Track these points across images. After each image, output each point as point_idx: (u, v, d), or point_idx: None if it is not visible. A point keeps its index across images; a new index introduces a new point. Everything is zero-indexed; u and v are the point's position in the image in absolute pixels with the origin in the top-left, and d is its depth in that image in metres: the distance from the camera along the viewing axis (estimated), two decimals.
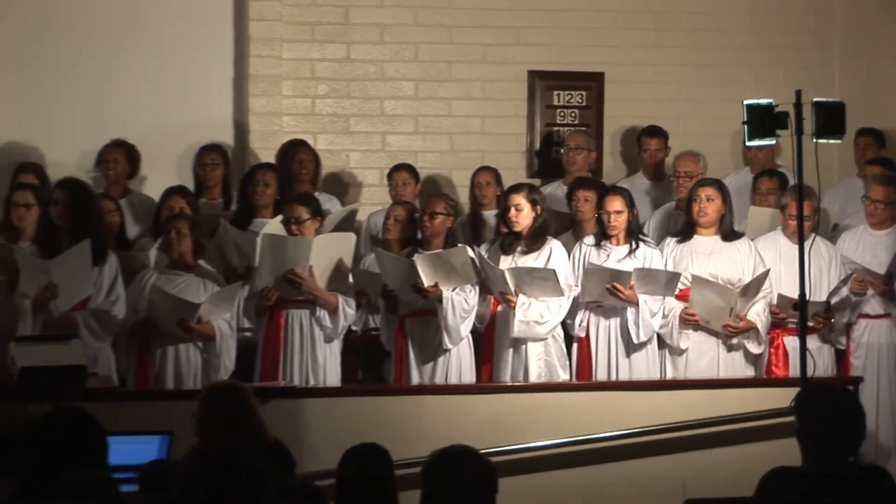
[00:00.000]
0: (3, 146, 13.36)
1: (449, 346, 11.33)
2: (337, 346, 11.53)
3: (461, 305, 11.28)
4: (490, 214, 12.44)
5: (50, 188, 11.66)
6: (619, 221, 11.59)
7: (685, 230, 11.95)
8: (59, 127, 13.37)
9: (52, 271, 10.97)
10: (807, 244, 10.73)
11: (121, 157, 12.97)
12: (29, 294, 10.99)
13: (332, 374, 11.50)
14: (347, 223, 12.46)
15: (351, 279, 11.52)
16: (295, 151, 13.02)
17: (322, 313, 11.38)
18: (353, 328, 11.80)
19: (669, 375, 11.69)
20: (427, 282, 11.15)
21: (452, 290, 11.23)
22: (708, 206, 11.71)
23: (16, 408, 8.15)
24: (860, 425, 7.62)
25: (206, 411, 8.08)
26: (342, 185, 13.72)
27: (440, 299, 11.22)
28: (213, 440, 7.44)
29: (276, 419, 8.45)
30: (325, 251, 11.39)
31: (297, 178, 12.70)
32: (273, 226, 11.73)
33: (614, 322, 11.61)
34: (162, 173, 13.05)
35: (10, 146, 13.34)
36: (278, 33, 13.76)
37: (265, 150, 13.42)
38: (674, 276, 11.48)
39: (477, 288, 11.37)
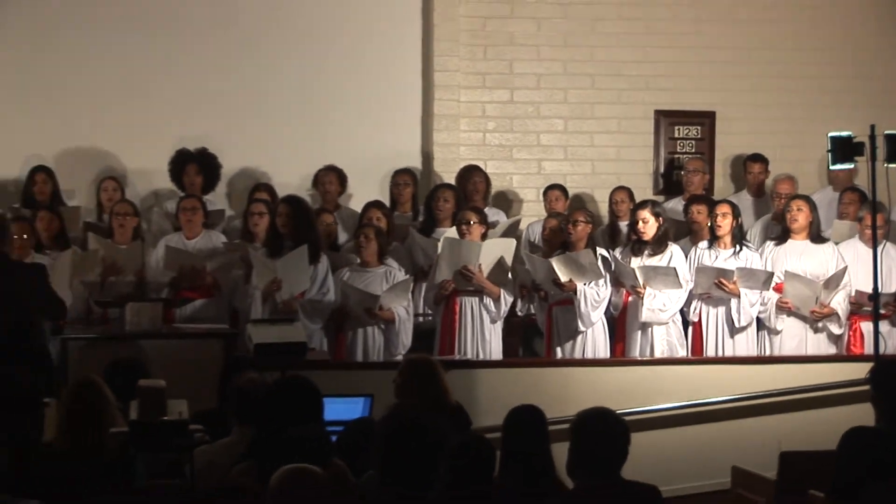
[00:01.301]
0: (241, 170, 13.47)
1: (581, 329, 11.32)
2: (500, 326, 11.52)
3: (592, 297, 11.26)
4: (623, 225, 12.37)
5: (277, 203, 11.76)
6: (725, 223, 11.59)
7: (781, 235, 11.94)
8: (285, 155, 13.46)
9: (277, 268, 11.06)
10: (879, 248, 10.74)
11: (333, 179, 12.99)
12: (260, 286, 11.13)
13: (496, 349, 11.50)
14: (511, 231, 12.44)
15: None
16: (470, 175, 13.02)
17: (488, 301, 11.40)
18: (519, 312, 11.81)
19: (766, 352, 11.63)
20: (563, 278, 11.19)
21: (586, 285, 11.25)
22: (798, 215, 11.71)
23: (252, 375, 8.20)
24: None
25: (405, 378, 8.12)
26: (506, 202, 13.70)
27: (575, 291, 11.28)
28: (409, 401, 7.48)
29: (453, 385, 8.43)
30: (492, 252, 11.43)
31: (472, 196, 12.69)
32: (452, 233, 11.78)
33: (721, 310, 11.56)
34: (365, 192, 13.06)
35: (247, 171, 13.45)
36: (457, 81, 13.79)
37: (446, 174, 13.44)
38: (770, 275, 11.45)
39: (609, 282, 11.39)
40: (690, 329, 11.67)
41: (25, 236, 11.11)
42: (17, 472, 6.39)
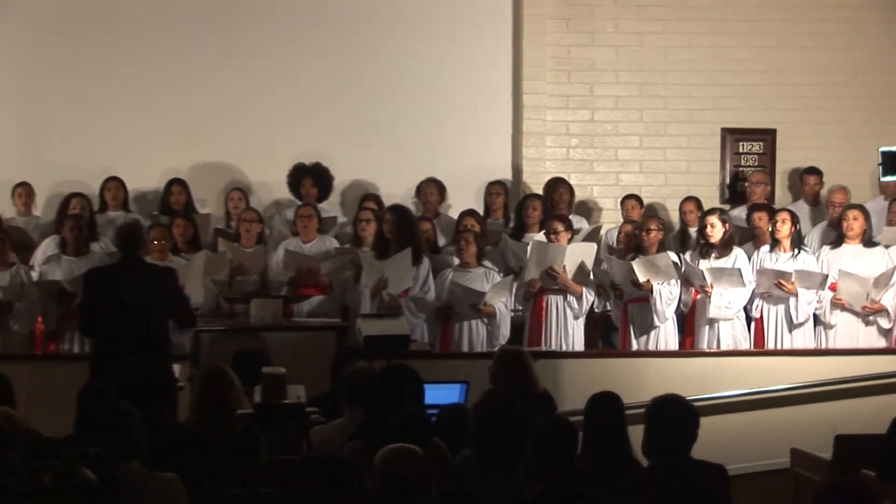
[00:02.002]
0: (352, 182, 13.52)
1: (657, 324, 11.29)
2: (582, 321, 11.50)
3: (667, 295, 11.22)
4: (693, 231, 12.30)
5: (384, 211, 11.80)
6: (785, 229, 11.54)
7: (836, 240, 11.85)
8: (391, 168, 13.49)
9: (384, 269, 11.09)
10: None
11: (434, 190, 13.03)
12: (368, 285, 11.16)
13: (578, 342, 11.47)
14: (591, 237, 12.40)
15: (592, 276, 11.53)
16: (556, 186, 12.98)
17: (571, 298, 11.37)
18: (596, 309, 11.78)
19: (822, 345, 11.51)
20: (641, 279, 11.15)
21: (661, 284, 11.21)
22: (854, 223, 11.62)
23: (361, 363, 8.24)
24: None
25: (499, 367, 8.12)
26: (587, 210, 13.66)
27: (651, 290, 11.23)
28: (501, 388, 7.48)
29: (540, 374, 8.42)
30: (575, 255, 11.40)
31: (557, 205, 12.65)
32: (540, 237, 11.77)
33: (781, 308, 11.47)
34: (462, 201, 13.08)
35: (357, 182, 13.50)
36: (543, 102, 13.78)
37: (534, 185, 13.41)
38: (825, 277, 11.37)
39: (680, 282, 11.34)
40: (753, 324, 11.58)
41: (163, 241, 11.26)
42: (155, 450, 6.45)
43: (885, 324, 11.44)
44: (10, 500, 5.62)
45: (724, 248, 11.50)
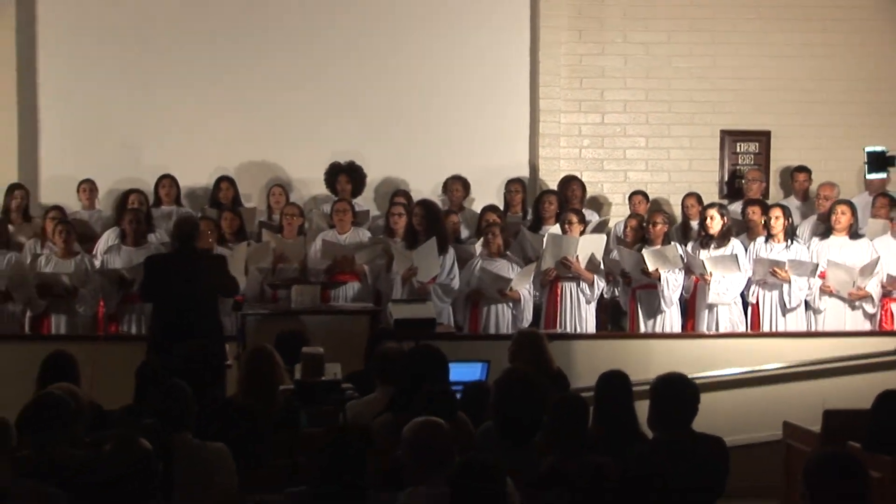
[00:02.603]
0: (384, 179, 13.51)
1: (664, 308, 11.30)
2: (593, 306, 11.50)
3: (673, 282, 11.22)
4: (694, 224, 12.27)
5: (413, 205, 11.80)
6: (778, 223, 11.50)
7: (825, 232, 11.81)
8: (419, 166, 13.49)
9: (413, 258, 11.09)
10: None
11: (459, 186, 13.02)
12: (399, 272, 11.16)
13: (590, 324, 11.47)
14: (600, 229, 12.42)
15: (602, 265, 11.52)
16: (569, 183, 12.94)
17: (584, 285, 11.37)
18: (605, 295, 11.76)
19: (812, 328, 11.45)
20: (650, 268, 11.14)
21: (668, 273, 11.19)
22: (841, 217, 11.58)
23: (392, 344, 8.25)
24: None
25: (517, 347, 8.11)
26: (598, 205, 13.63)
27: (659, 279, 11.20)
28: (520, 366, 7.47)
29: (555, 354, 8.41)
30: (586, 246, 11.41)
31: (571, 200, 12.63)
32: (555, 230, 11.76)
33: (775, 293, 11.41)
34: (484, 196, 13.08)
35: (388, 179, 13.49)
36: (558, 107, 13.75)
37: (550, 182, 13.38)
38: (815, 265, 11.32)
39: (683, 271, 11.33)
40: (749, 309, 11.54)
41: (210, 232, 11.28)
42: (205, 422, 6.47)
43: (869, 308, 11.41)
44: (75, 467, 5.65)
45: (723, 239, 11.48)
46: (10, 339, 10.78)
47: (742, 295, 11.52)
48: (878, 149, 10.47)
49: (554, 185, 13.12)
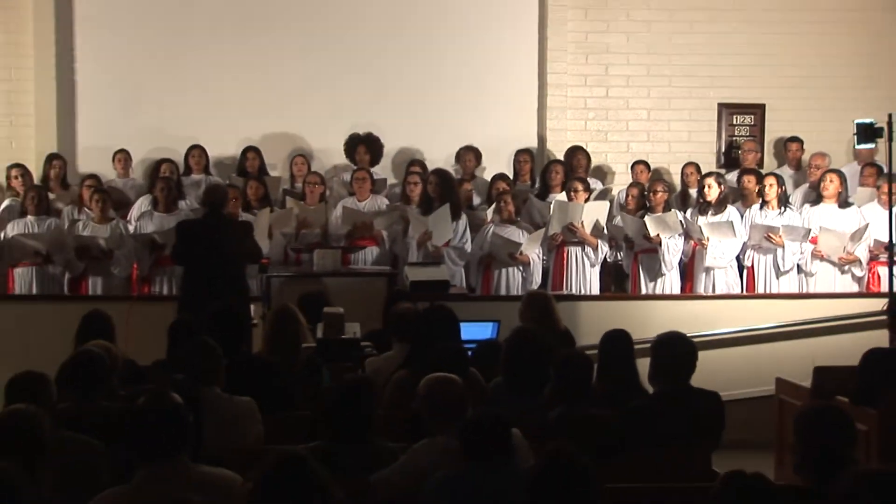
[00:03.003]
0: (400, 149, 13.44)
1: (664, 272, 11.32)
2: (597, 269, 11.51)
3: (673, 247, 11.26)
4: (693, 192, 12.24)
5: (428, 174, 11.81)
6: (772, 191, 11.55)
7: (816, 199, 11.82)
8: (434, 137, 13.41)
9: (428, 223, 11.12)
10: (894, 210, 10.51)
11: (471, 156, 12.99)
12: (415, 237, 11.18)
13: (594, 286, 11.49)
14: (603, 196, 12.43)
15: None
16: (575, 153, 12.92)
17: (588, 250, 11.40)
18: (608, 259, 11.76)
19: (804, 290, 11.45)
20: (652, 233, 11.15)
21: (668, 238, 11.19)
22: (829, 185, 11.60)
23: (407, 304, 8.26)
24: None
25: (526, 307, 8.09)
26: (602, 174, 13.56)
27: (660, 244, 11.20)
28: (529, 325, 7.47)
29: (562, 314, 8.40)
30: (591, 212, 11.42)
31: (576, 170, 12.61)
32: (561, 197, 11.77)
33: (769, 257, 11.43)
34: (495, 166, 13.05)
35: (404, 149, 13.39)
36: (565, 81, 13.70)
37: (556, 152, 13.33)
38: (807, 231, 11.36)
39: (683, 236, 11.33)
40: (745, 272, 11.56)
41: (236, 199, 11.31)
42: (233, 377, 6.49)
43: (858, 272, 11.44)
44: (111, 419, 5.68)
45: (720, 206, 11.47)
46: (51, 299, 10.84)
47: (738, 258, 11.52)
48: (867, 121, 10.40)
49: (560, 156, 13.09)
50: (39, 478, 4.63)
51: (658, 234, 11.21)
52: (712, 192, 11.48)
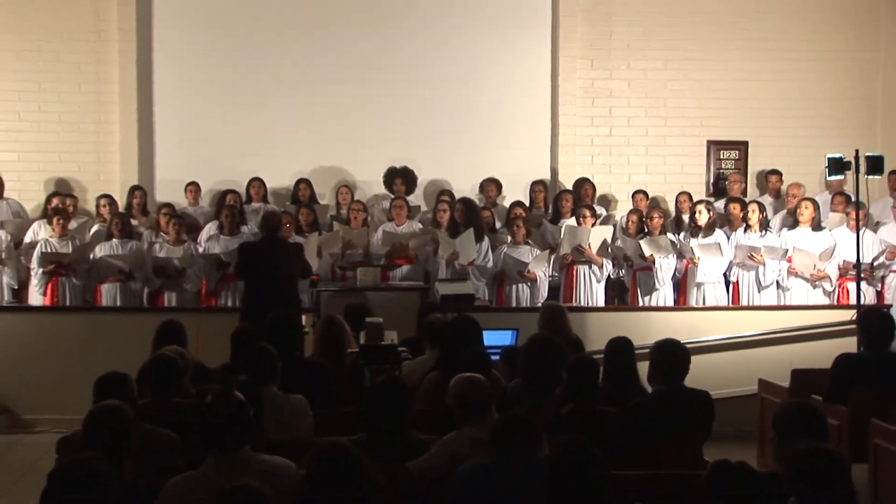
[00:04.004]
0: (431, 181, 13.46)
1: (658, 287, 11.28)
2: (602, 285, 11.46)
3: (666, 266, 11.23)
4: (685, 217, 12.19)
5: (455, 202, 11.81)
6: (755, 216, 11.51)
7: (793, 224, 11.78)
8: (461, 171, 13.42)
9: (456, 245, 11.11)
10: (860, 233, 10.51)
11: (493, 187, 12.96)
12: (444, 257, 11.17)
13: (600, 299, 11.44)
14: (606, 221, 12.40)
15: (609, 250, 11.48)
16: (583, 184, 12.86)
17: (594, 268, 11.36)
18: (612, 276, 11.72)
19: (782, 302, 11.38)
20: (646, 253, 11.15)
21: (661, 258, 11.16)
22: (805, 211, 11.57)
23: (438, 315, 8.26)
24: (892, 328, 7.44)
25: (546, 319, 8.09)
26: (606, 202, 13.55)
27: (654, 262, 11.17)
28: (544, 332, 7.45)
29: (572, 323, 8.34)
30: (596, 235, 11.40)
31: (584, 198, 12.57)
32: (571, 222, 11.76)
33: (752, 274, 11.35)
34: (513, 195, 13.00)
35: (435, 181, 13.43)
36: (574, 121, 13.70)
37: (567, 183, 13.27)
38: (785, 251, 11.30)
39: (675, 256, 11.28)
40: (731, 287, 11.49)
41: (290, 224, 11.35)
42: (288, 378, 6.50)
43: (828, 287, 11.38)
44: (184, 414, 5.70)
45: (709, 229, 11.43)
46: (132, 311, 10.90)
47: (724, 275, 11.46)
48: (837, 156, 10.36)
49: (570, 186, 13.04)
50: (123, 464, 4.65)
51: (652, 255, 11.20)
52: (702, 217, 11.45)
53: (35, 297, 11.35)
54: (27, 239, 11.95)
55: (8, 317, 10.67)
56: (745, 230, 11.59)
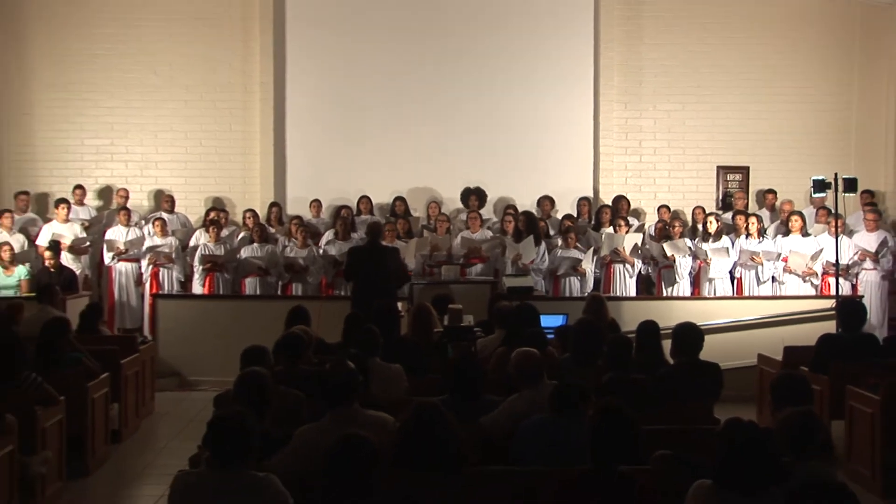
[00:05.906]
0: (499, 198, 13.37)
1: (678, 281, 11.15)
2: (634, 279, 11.37)
3: (685, 264, 11.09)
4: (700, 226, 12.00)
5: (518, 214, 11.77)
6: (754, 227, 11.33)
7: (785, 232, 11.58)
8: (522, 189, 13.31)
9: (519, 248, 11.08)
10: (839, 239, 10.30)
11: (547, 202, 12.87)
12: (509, 257, 11.12)
13: (632, 291, 11.34)
14: (638, 229, 12.25)
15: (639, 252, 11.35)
16: (619, 200, 12.66)
17: (627, 266, 11.28)
18: (642, 272, 11.60)
19: (777, 293, 11.18)
20: (669, 254, 11.03)
21: (681, 258, 11.02)
22: (795, 223, 11.41)
23: (505, 302, 8.24)
24: (864, 314, 7.33)
25: (590, 306, 8.00)
26: (637, 214, 13.35)
27: (674, 262, 11.03)
28: (589, 317, 7.39)
29: (610, 309, 8.28)
30: (629, 241, 11.31)
31: (620, 211, 12.40)
32: (609, 230, 11.66)
33: (753, 272, 11.20)
34: (564, 208, 12.97)
35: (502, 198, 13.27)
36: (611, 151, 13.58)
37: (606, 199, 13.14)
38: (779, 254, 11.15)
39: (692, 257, 11.14)
40: (735, 282, 11.33)
41: (390, 232, 11.39)
42: (388, 351, 6.54)
43: (815, 281, 11.17)
44: (309, 378, 5.76)
45: (718, 236, 11.32)
46: (268, 299, 11.02)
47: (730, 273, 11.32)
48: (820, 177, 10.20)
49: (609, 202, 12.93)
50: (264, 417, 4.72)
51: (673, 255, 11.07)
52: (713, 226, 11.34)
53: (197, 288, 11.56)
54: (191, 243, 12.17)
55: (177, 303, 10.90)
56: (747, 237, 11.42)
